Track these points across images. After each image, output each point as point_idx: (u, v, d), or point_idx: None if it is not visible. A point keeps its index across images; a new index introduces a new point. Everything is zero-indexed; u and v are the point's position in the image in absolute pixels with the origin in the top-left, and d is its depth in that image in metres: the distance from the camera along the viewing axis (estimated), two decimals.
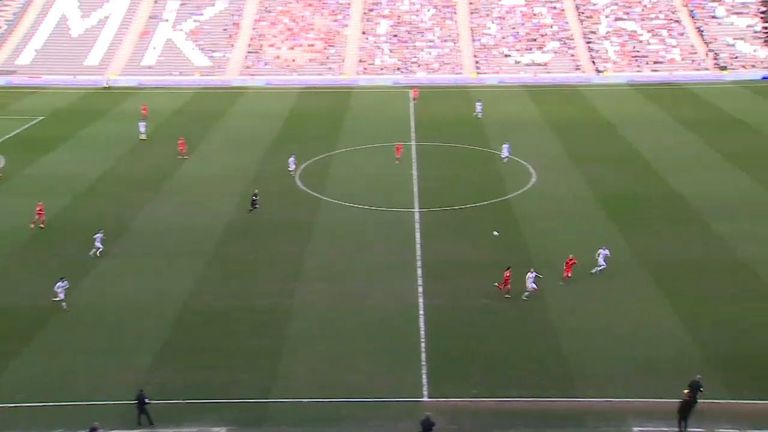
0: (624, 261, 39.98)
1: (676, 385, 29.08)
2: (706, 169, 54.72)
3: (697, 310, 34.99)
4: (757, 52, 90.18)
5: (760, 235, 42.85)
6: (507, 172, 54.98)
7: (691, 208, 47.25)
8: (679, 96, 78.85)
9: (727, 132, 64.46)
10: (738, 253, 40.57)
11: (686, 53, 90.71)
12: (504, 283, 36.41)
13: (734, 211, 46.68)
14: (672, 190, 50.54)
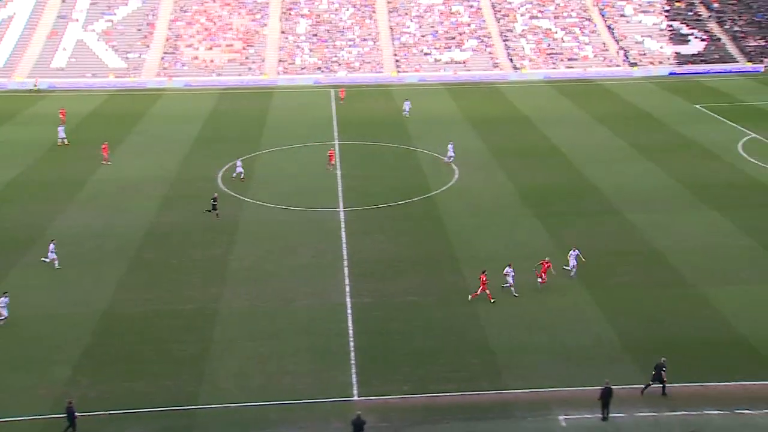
0: (545, 253, 40.81)
1: (599, 373, 29.92)
2: (619, 162, 56.49)
3: (615, 299, 36.06)
4: (664, 49, 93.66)
5: (671, 225, 44.49)
6: (430, 169, 55.45)
7: (607, 200, 48.70)
8: (592, 91, 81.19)
9: (638, 125, 66.71)
10: (652, 243, 42.02)
11: (598, 50, 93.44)
12: (482, 287, 35.83)
13: (647, 201, 48.33)
14: (588, 183, 51.97)
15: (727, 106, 73.32)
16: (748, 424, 27.29)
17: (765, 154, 57.67)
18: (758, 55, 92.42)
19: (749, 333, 32.84)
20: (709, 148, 59.72)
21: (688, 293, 36.39)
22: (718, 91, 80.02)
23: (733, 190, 50.08)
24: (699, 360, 31.03)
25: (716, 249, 41.15)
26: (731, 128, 65.40)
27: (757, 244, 41.63)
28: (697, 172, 53.96)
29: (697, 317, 34.31)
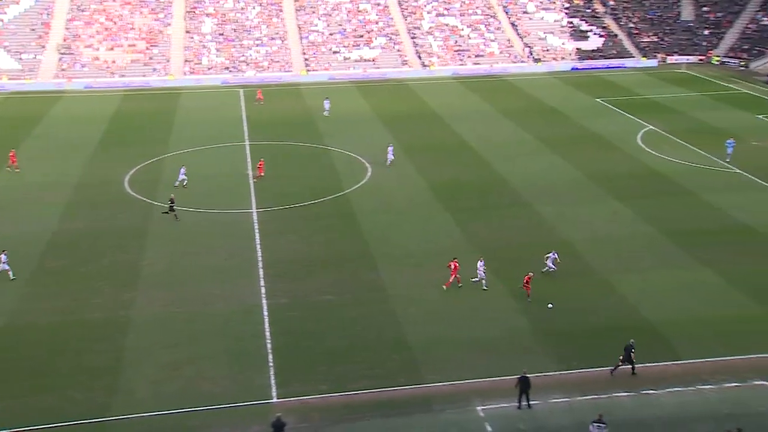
0: (458, 247, 41.55)
1: (514, 363, 30.69)
2: (526, 156, 58.00)
3: (534, 290, 36.96)
4: (566, 45, 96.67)
5: (578, 216, 46.02)
6: (343, 167, 55.48)
7: (516, 193, 49.92)
8: (499, 87, 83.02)
9: (544, 119, 68.67)
10: (560, 234, 43.35)
11: (504, 47, 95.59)
12: (452, 274, 36.75)
13: (554, 193, 49.81)
14: (498, 177, 53.14)
15: (626, 99, 76.33)
16: (654, 404, 28.54)
17: (661, 145, 60.35)
18: (652, 51, 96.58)
19: (652, 317, 34.34)
20: (610, 140, 62.03)
21: (595, 281, 37.71)
22: (617, 85, 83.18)
23: (634, 180, 52.20)
24: (607, 345, 32.23)
25: (620, 238, 42.80)
26: (630, 120, 68.11)
27: (657, 231, 43.52)
28: (600, 163, 55.97)
29: (605, 304, 35.61)
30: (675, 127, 65.20)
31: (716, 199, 48.27)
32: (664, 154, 57.77)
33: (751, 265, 39.21)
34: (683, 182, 51.58)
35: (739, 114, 70.17)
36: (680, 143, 60.68)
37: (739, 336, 32.51)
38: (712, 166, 55.04)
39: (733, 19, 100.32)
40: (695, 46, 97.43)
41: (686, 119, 68.35)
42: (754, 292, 36.21)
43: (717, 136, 62.49)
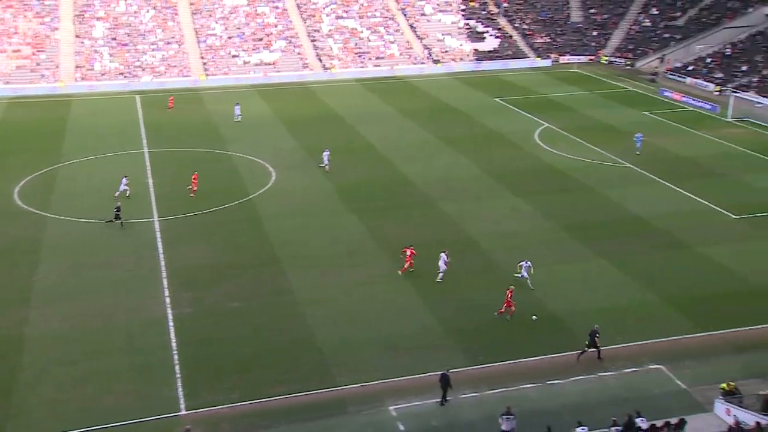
0: (365, 248, 41.68)
1: (425, 361, 31.03)
2: (430, 155, 58.80)
3: (434, 287, 37.50)
4: (463, 46, 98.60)
5: (481, 213, 46.98)
6: (247, 172, 54.71)
7: (421, 192, 50.52)
8: (401, 88, 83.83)
9: (445, 119, 69.79)
10: (464, 231, 44.14)
11: (404, 48, 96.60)
12: (407, 260, 38.14)
13: (458, 192, 50.69)
14: (403, 177, 53.61)
15: (523, 98, 78.52)
16: (559, 393, 29.43)
17: (557, 142, 62.39)
18: (545, 51, 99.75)
19: (556, 308, 35.42)
20: (509, 138, 63.65)
21: (500, 277, 38.56)
22: (514, 85, 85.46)
23: (533, 177, 53.73)
24: (514, 338, 33.02)
25: (522, 233, 43.95)
26: (527, 119, 70.12)
27: (557, 226, 44.95)
28: (501, 161, 57.34)
29: (502, 299, 36.42)
30: (570, 125, 67.53)
31: (610, 193, 50.27)
32: (560, 151, 59.73)
33: (644, 254, 41.04)
34: (579, 177, 53.46)
35: (628, 111, 73.33)
36: (575, 140, 62.90)
37: (635, 323, 33.95)
38: (606, 161, 57.28)
39: (618, 20, 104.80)
40: (585, 47, 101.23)
41: (580, 117, 70.90)
42: (647, 280, 37.90)
43: (608, 132, 65.08)
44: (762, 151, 59.46)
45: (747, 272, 38.73)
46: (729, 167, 55.59)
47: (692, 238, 42.93)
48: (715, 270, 39.06)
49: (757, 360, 31.16)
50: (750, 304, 35.69)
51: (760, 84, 78.22)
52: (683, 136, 63.85)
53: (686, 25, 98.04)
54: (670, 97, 79.08)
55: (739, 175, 53.75)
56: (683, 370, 30.56)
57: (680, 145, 60.92)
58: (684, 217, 46.23)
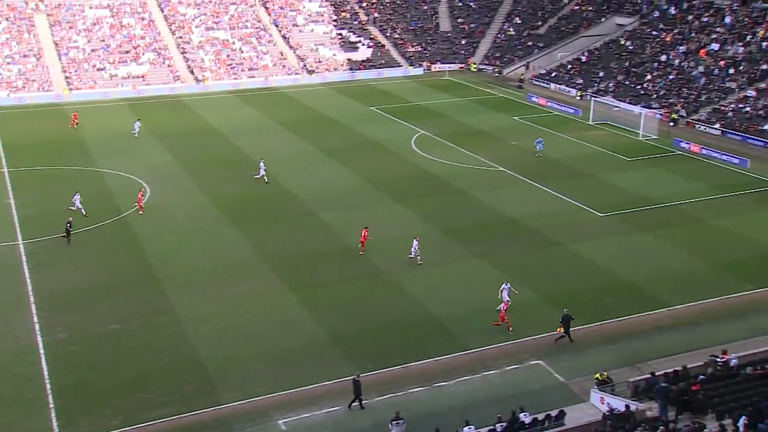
0: (248, 261, 40.99)
1: (313, 372, 30.82)
2: (309, 166, 58.59)
3: (319, 296, 37.36)
4: (337, 56, 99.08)
5: (362, 221, 47.22)
6: (119, 189, 52.61)
7: (302, 203, 50.25)
8: (276, 100, 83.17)
9: (322, 129, 69.81)
10: (346, 240, 44.26)
11: (277, 59, 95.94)
12: (362, 242, 41.44)
13: (338, 201, 50.78)
14: (282, 188, 53.15)
15: (398, 106, 79.72)
16: (446, 395, 29.97)
17: (433, 148, 63.69)
18: (417, 59, 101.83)
19: (438, 312, 36.07)
20: (386, 145, 64.43)
21: (384, 282, 38.92)
22: (389, 93, 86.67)
23: (411, 183, 54.61)
24: (400, 343, 33.36)
25: (403, 239, 44.54)
26: (403, 126, 71.23)
27: (436, 230, 45.85)
28: (379, 168, 57.92)
29: (394, 304, 36.83)
30: (444, 131, 69.14)
31: (485, 196, 51.81)
32: (436, 157, 61.03)
33: (520, 254, 42.54)
34: (455, 182, 54.79)
35: (498, 116, 75.95)
36: (449, 146, 64.46)
37: (515, 321, 35.07)
38: (479, 165, 59.01)
39: (485, 29, 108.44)
40: (455, 55, 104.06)
41: (453, 123, 72.75)
42: (523, 279, 39.28)
43: (481, 137, 67.11)
44: (621, 152, 63.03)
45: (613, 266, 40.90)
46: (593, 167, 58.57)
47: (563, 236, 44.89)
48: (585, 266, 41.00)
49: (626, 349, 32.94)
50: (618, 296, 37.69)
51: (616, 89, 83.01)
52: (550, 139, 66.79)
53: (547, 33, 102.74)
54: (536, 102, 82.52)
55: (602, 175, 56.75)
56: (561, 364, 31.84)
57: (548, 147, 63.66)
58: (554, 216, 48.28)
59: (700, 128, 71.03)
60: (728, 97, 74.31)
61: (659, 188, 53.73)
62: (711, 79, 77.75)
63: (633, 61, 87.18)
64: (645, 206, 50.01)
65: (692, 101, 75.57)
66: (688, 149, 63.73)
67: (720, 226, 46.72)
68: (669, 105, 75.80)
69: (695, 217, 48.32)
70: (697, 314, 35.99)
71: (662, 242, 44.07)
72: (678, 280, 39.23)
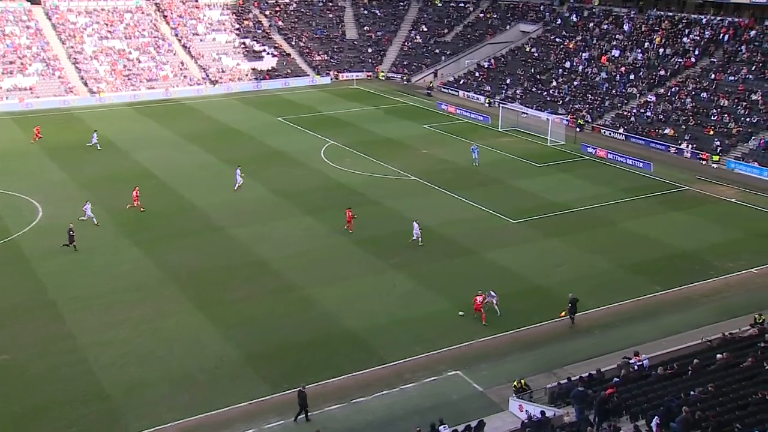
0: (152, 281, 39.82)
1: (223, 394, 30.09)
2: (214, 178, 57.56)
3: (229, 314, 36.60)
4: (241, 66, 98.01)
5: (272, 234, 46.71)
6: (7, 209, 50.23)
7: (208, 217, 49.26)
8: (178, 111, 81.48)
9: (228, 141, 68.78)
10: (257, 254, 43.61)
11: (178, 70, 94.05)
12: (348, 221, 46.31)
13: (246, 215, 50.04)
14: (187, 202, 52.00)
15: (306, 116, 79.46)
16: (364, 410, 29.80)
17: (343, 158, 63.73)
18: (324, 68, 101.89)
19: (353, 325, 35.93)
20: (295, 157, 64.04)
21: (297, 297, 38.50)
22: (296, 103, 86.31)
23: (322, 194, 54.42)
24: (315, 359, 33.02)
25: (315, 251, 44.27)
26: (312, 137, 71.00)
27: (348, 241, 45.78)
28: (288, 180, 57.48)
29: (308, 319, 36.44)
30: (353, 140, 69.30)
31: (397, 205, 52.14)
32: (346, 167, 61.08)
33: (435, 263, 42.94)
34: (367, 192, 54.94)
35: (408, 124, 76.72)
36: (360, 155, 64.62)
37: (431, 332, 35.31)
38: (391, 174, 59.39)
39: (391, 37, 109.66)
40: (363, 63, 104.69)
41: (363, 132, 73.04)
42: (439, 288, 39.64)
43: (391, 146, 67.62)
44: (531, 158, 64.73)
45: (527, 272, 41.83)
46: (504, 174, 59.88)
47: (477, 243, 45.62)
48: (500, 272, 41.76)
49: (542, 356, 33.64)
50: (533, 301, 38.53)
51: (523, 95, 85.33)
52: (461, 146, 67.85)
53: (454, 41, 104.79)
54: (446, 110, 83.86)
55: (514, 181, 58.07)
56: (479, 373, 32.22)
57: (459, 155, 64.65)
58: (468, 224, 49.03)
59: (605, 133, 73.81)
60: (630, 102, 77.59)
61: (569, 193, 55.41)
62: (613, 85, 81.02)
63: (538, 68, 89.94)
64: (556, 211, 51.44)
65: (597, 107, 78.52)
66: (595, 154, 66.07)
67: (628, 228, 48.51)
68: (575, 111, 78.51)
69: (604, 220, 50.03)
70: (610, 316, 37.15)
71: (573, 246, 45.40)
72: (590, 284, 40.44)
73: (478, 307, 36.33)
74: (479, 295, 36.65)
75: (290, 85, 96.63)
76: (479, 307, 36.33)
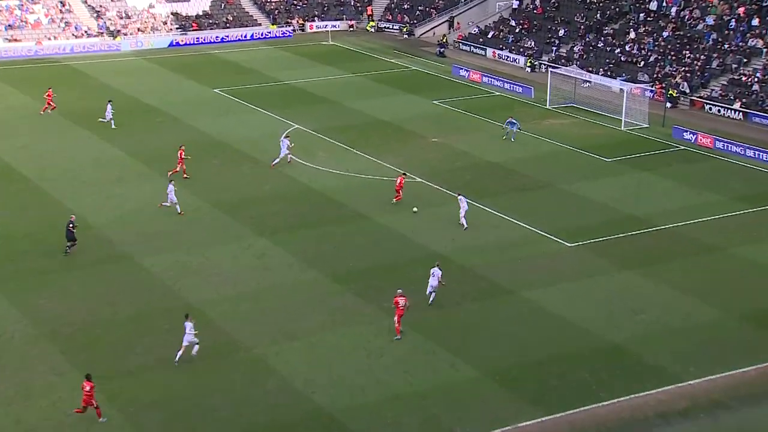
0: (17, 341, 39.60)
1: None
2: (116, 182, 57.37)
3: (136, 390, 36.29)
4: (156, 9, 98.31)
5: (205, 267, 46.42)
6: None
7: (109, 241, 48.94)
8: (57, 77, 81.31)
9: (136, 125, 68.82)
10: (181, 296, 43.32)
11: (56, 13, 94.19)
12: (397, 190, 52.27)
13: (168, 235, 49.80)
14: (77, 220, 51.59)
15: (256, 87, 79.65)
16: None
17: (314, 150, 63.50)
18: (284, 15, 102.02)
19: (327, 403, 35.67)
20: (241, 148, 63.86)
21: (243, 360, 38.15)
22: (241, 67, 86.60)
23: (282, 205, 54.05)
24: None
25: (271, 290, 44.06)
26: (267, 118, 71.25)
27: (325, 277, 45.55)
28: (231, 184, 57.20)
29: (261, 393, 36.07)
30: (329, 124, 69.37)
31: (395, 221, 51.80)
32: (319, 164, 60.86)
33: (454, 307, 42.69)
34: (351, 202, 54.59)
35: (411, 99, 76.90)
36: (339, 146, 64.56)
37: (446, 413, 35.13)
38: (385, 175, 59.13)
39: None
40: (342, 6, 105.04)
41: (343, 112, 73.11)
42: (455, 348, 39.38)
43: (385, 132, 67.53)
44: (595, 150, 64.73)
45: (590, 322, 41.56)
46: (555, 174, 59.78)
47: (515, 278, 45.28)
48: (552, 323, 41.45)
49: None
50: (598, 368, 38.28)
51: (583, 55, 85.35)
52: (489, 132, 67.75)
53: None
54: (466, 77, 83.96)
55: (569, 185, 57.97)
56: None
57: (486, 145, 64.53)
58: (502, 250, 48.75)
59: (711, 110, 73.97)
60: (752, 63, 77.55)
61: (654, 202, 55.49)
62: (725, 36, 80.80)
63: (607, 12, 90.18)
64: (634, 230, 51.36)
65: (699, 70, 78.43)
66: (695, 142, 66.19)
67: (745, 256, 48.40)
68: (664, 77, 78.59)
69: (709, 244, 49.94)
70: (721, 392, 37.00)
71: (662, 283, 45.19)
72: (689, 341, 40.21)
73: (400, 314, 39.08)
74: (400, 296, 39.13)
75: (232, 39, 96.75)
76: (401, 313, 39.07)
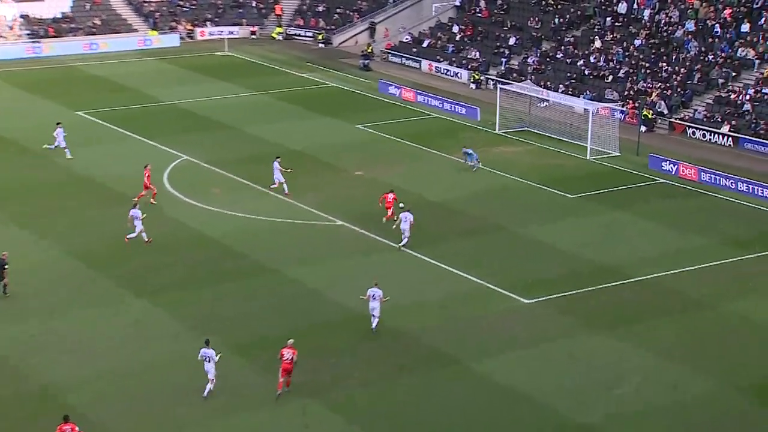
0: None
1: None
2: None
3: None
4: (2, 10, 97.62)
5: (65, 340, 45.68)
6: None
7: None
8: None
9: None
10: (31, 380, 42.50)
11: None
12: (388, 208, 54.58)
13: (12, 301, 48.99)
14: None
15: (132, 109, 79.40)
16: None
17: (204, 187, 63.33)
18: (167, 19, 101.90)
19: None
20: (111, 185, 63.35)
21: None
22: (113, 84, 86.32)
23: (165, 256, 53.68)
24: None
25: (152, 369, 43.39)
26: (146, 147, 71.05)
27: (222, 346, 45.05)
28: (100, 230, 56.51)
29: None
30: (225, 155, 69.44)
31: (310, 275, 51.50)
32: (212, 205, 60.50)
33: (381, 384, 42.41)
34: (252, 251, 54.37)
35: (329, 123, 77.07)
36: (237, 181, 64.32)
37: None
38: (298, 218, 58.90)
39: None
40: (241, 8, 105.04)
41: (242, 139, 73.29)
42: None
43: (299, 165, 67.28)
44: (554, 183, 65.37)
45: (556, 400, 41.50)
46: (507, 215, 60.08)
47: (462, 346, 45.05)
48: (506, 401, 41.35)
49: None
50: None
51: (539, 68, 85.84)
52: (426, 163, 67.90)
53: None
54: (397, 95, 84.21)
55: (525, 227, 58.17)
56: None
57: (422, 179, 64.62)
58: (445, 309, 48.48)
59: (693, 134, 74.79)
60: (742, 77, 78.51)
61: (627, 248, 56.07)
62: (709, 45, 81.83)
63: (567, 15, 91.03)
64: (604, 283, 51.57)
65: (678, 85, 79.21)
66: (676, 174, 66.79)
67: (741, 313, 48.65)
68: (637, 94, 79.23)
69: (696, 299, 50.27)
70: None
71: (639, 349, 45.28)
72: (676, 421, 40.24)
73: (285, 369, 40.37)
74: (289, 348, 40.50)
75: (101, 48, 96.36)
76: (286, 368, 40.35)
